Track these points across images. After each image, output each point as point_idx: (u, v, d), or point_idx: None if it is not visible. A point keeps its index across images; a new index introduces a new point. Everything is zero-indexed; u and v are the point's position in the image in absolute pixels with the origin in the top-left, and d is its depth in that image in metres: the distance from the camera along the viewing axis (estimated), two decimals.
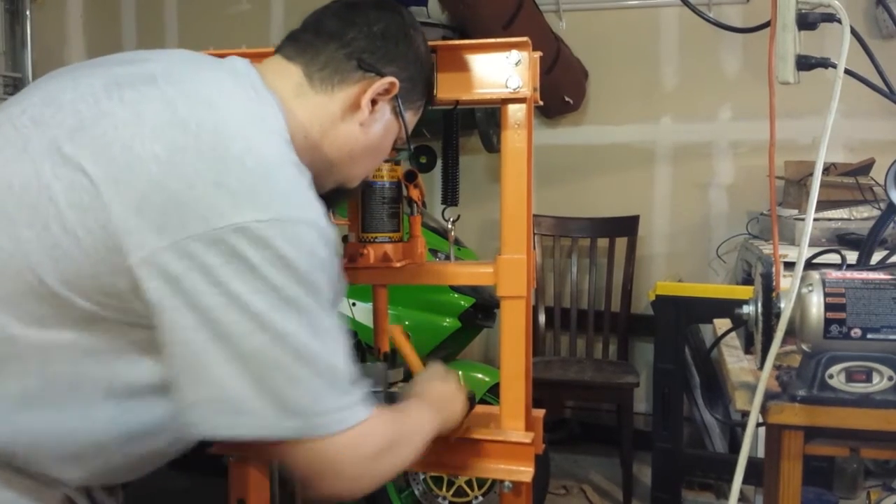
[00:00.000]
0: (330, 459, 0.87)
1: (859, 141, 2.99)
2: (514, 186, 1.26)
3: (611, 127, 3.33)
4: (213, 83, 0.91)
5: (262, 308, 0.81)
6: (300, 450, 0.86)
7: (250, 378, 0.82)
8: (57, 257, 0.82)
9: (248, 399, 0.82)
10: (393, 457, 0.95)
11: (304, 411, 0.84)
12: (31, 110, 0.89)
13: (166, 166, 0.81)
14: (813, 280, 1.09)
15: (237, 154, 0.83)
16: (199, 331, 0.81)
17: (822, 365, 1.07)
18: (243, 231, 0.80)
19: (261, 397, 0.82)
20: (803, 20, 1.14)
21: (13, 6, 3.71)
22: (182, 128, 0.84)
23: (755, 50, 3.07)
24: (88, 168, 0.82)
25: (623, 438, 2.72)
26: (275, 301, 0.81)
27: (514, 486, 1.27)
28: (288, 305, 0.82)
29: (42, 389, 0.85)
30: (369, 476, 0.92)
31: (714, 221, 3.25)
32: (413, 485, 2.36)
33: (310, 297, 0.84)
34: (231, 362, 0.82)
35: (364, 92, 1.01)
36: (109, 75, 0.91)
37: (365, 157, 1.07)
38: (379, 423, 0.92)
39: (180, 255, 0.80)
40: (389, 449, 0.93)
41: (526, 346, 1.29)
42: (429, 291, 2.31)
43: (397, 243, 1.34)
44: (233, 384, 0.82)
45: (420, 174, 1.38)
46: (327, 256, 0.86)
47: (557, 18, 3.30)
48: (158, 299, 0.81)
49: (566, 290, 3.25)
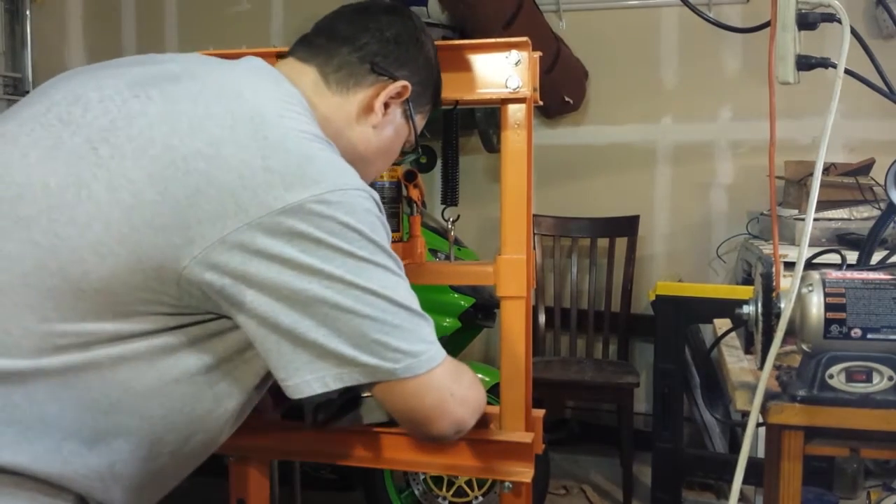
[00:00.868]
0: (438, 387, 0.93)
1: (859, 141, 2.99)
2: (514, 186, 1.26)
3: (611, 127, 3.33)
4: (236, 78, 0.93)
5: (338, 272, 0.85)
6: (409, 388, 0.91)
7: (346, 336, 0.86)
8: (103, 254, 0.82)
9: (347, 353, 0.86)
10: (476, 383, 1.03)
11: (404, 352, 0.89)
12: (56, 109, 0.89)
13: (212, 160, 0.83)
14: (813, 280, 1.09)
15: (276, 139, 0.85)
16: (283, 310, 0.84)
17: (822, 365, 1.07)
18: (301, 209, 0.83)
19: (359, 349, 0.87)
20: (803, 20, 1.14)
21: (13, 6, 3.72)
22: (218, 121, 0.85)
23: (755, 50, 3.07)
24: (129, 169, 0.83)
25: (623, 438, 2.72)
26: (351, 264, 0.85)
27: (514, 487, 1.27)
28: (361, 264, 0.86)
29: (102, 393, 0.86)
30: (474, 399, 1.00)
31: (714, 221, 3.25)
32: (413, 485, 2.36)
33: (377, 253, 0.88)
34: (325, 328, 0.85)
35: (377, 95, 1.03)
36: (131, 76, 0.92)
37: (376, 160, 1.10)
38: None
39: (242, 246, 0.82)
40: (473, 378, 1.02)
41: (526, 347, 1.29)
42: (429, 291, 2.31)
43: (397, 243, 1.34)
44: (332, 344, 0.86)
45: (420, 174, 1.38)
46: (379, 213, 0.91)
47: (557, 18, 3.30)
48: (228, 291, 0.83)
49: (566, 290, 3.25)
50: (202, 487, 2.05)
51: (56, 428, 0.84)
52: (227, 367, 0.93)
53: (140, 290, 0.83)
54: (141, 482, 0.93)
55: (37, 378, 0.83)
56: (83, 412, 0.86)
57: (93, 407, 0.86)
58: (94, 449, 0.87)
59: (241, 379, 0.95)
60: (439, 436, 0.96)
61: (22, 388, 0.83)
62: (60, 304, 0.83)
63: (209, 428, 0.96)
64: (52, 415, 0.84)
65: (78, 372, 0.84)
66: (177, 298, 0.85)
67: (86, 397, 0.85)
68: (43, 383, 0.83)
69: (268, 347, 0.87)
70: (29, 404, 0.83)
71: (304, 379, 0.87)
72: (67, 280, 0.82)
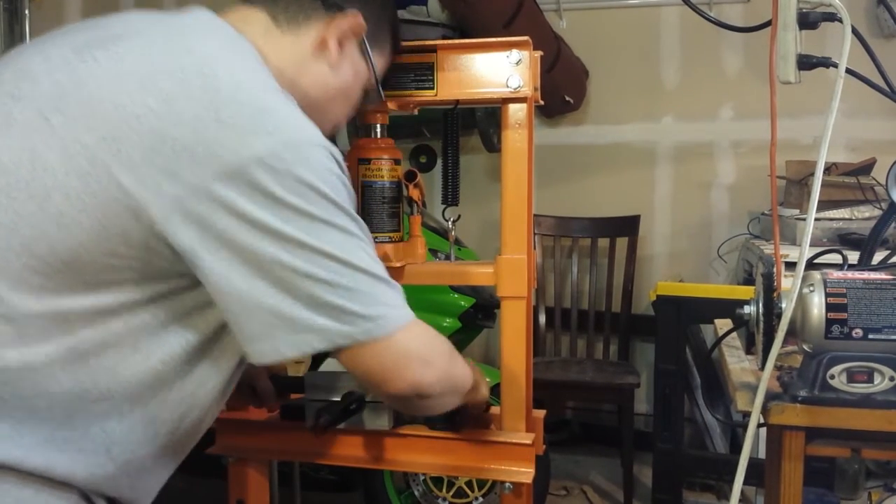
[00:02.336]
0: (399, 350, 0.90)
1: (861, 140, 2.99)
2: (515, 186, 1.26)
3: (611, 126, 3.33)
4: (184, 32, 0.91)
5: (295, 233, 0.83)
6: (367, 351, 0.88)
7: (301, 300, 0.84)
8: (66, 225, 0.81)
9: (305, 318, 0.84)
10: (456, 357, 1.01)
11: (361, 315, 0.87)
12: (6, 86, 0.88)
13: (164, 116, 0.81)
14: (814, 280, 1.09)
15: (228, 91, 0.84)
16: (239, 269, 0.82)
17: (823, 365, 1.07)
18: (257, 163, 0.81)
19: (317, 313, 0.85)
20: (804, 19, 1.14)
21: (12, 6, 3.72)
22: (167, 76, 0.83)
23: (756, 49, 3.06)
24: (81, 134, 0.82)
25: (624, 439, 2.71)
26: (306, 224, 0.83)
27: (515, 487, 1.26)
28: (319, 225, 0.84)
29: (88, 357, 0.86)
30: (440, 363, 0.96)
31: (715, 221, 3.25)
32: (413, 486, 2.35)
33: (336, 213, 0.86)
34: (280, 292, 0.83)
35: (329, 29, 1.01)
36: (76, 41, 0.90)
37: (335, 104, 1.07)
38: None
39: (201, 199, 0.81)
40: (452, 350, 1.00)
41: (526, 347, 1.29)
42: (429, 291, 2.31)
43: (397, 243, 1.33)
44: (287, 309, 0.84)
45: (420, 174, 1.37)
46: (340, 173, 0.88)
47: (558, 17, 3.29)
48: (191, 247, 0.82)
49: (567, 291, 3.25)
50: (202, 488, 2.05)
51: (48, 420, 0.84)
52: (211, 345, 0.92)
53: (109, 256, 0.82)
54: (142, 465, 0.93)
55: (22, 374, 0.83)
56: (74, 402, 0.85)
57: (84, 397, 0.86)
58: (88, 436, 0.87)
59: (226, 355, 0.94)
60: (396, 394, 0.93)
61: (10, 386, 0.83)
62: (32, 284, 0.82)
63: (201, 405, 0.95)
64: (42, 407, 0.84)
65: (64, 364, 0.84)
66: (146, 262, 0.84)
67: (76, 388, 0.85)
68: (30, 380, 0.83)
69: (227, 310, 0.86)
70: (18, 400, 0.83)
71: (261, 348, 0.86)
72: (35, 257, 0.82)
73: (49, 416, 0.85)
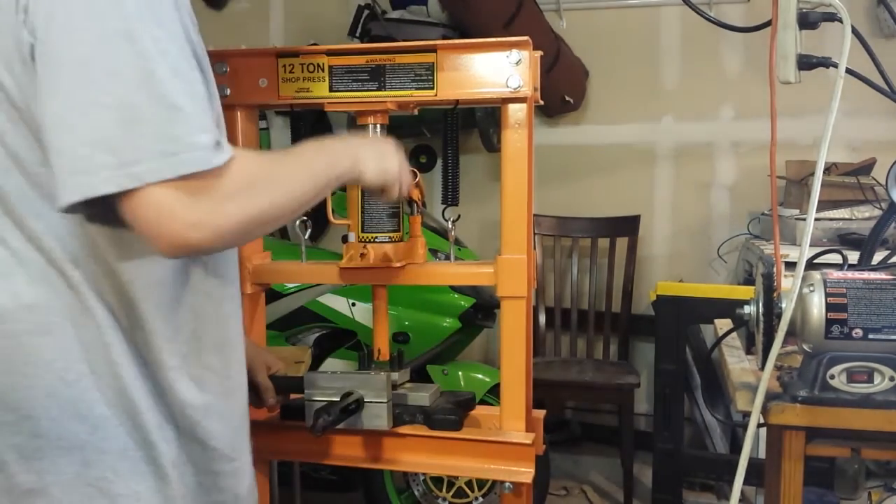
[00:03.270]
0: (166, 206, 0.77)
1: (861, 141, 2.99)
2: (515, 186, 1.26)
3: (611, 126, 3.32)
4: None
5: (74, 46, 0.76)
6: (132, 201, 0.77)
7: (82, 129, 0.76)
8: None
9: (80, 153, 0.76)
10: (250, 201, 0.83)
11: (124, 157, 0.76)
12: None
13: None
14: (814, 280, 1.09)
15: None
16: (42, 81, 0.77)
17: (823, 365, 1.07)
18: None
19: (90, 145, 0.75)
20: (804, 19, 1.14)
21: None
22: None
23: (756, 49, 3.06)
24: None
25: (624, 439, 2.71)
26: (104, 33, 0.76)
27: (515, 487, 1.26)
28: (117, 37, 0.76)
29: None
30: (209, 222, 0.79)
31: (715, 221, 3.25)
32: (413, 486, 2.35)
33: (148, 26, 0.77)
34: (65, 117, 0.76)
35: None
36: None
37: None
38: (238, 166, 0.82)
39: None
40: (243, 192, 0.82)
41: (526, 347, 1.29)
42: (429, 291, 2.31)
43: (397, 243, 1.34)
44: (65, 140, 0.76)
45: (420, 174, 1.37)
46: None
47: (558, 17, 3.29)
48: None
49: (567, 291, 3.24)
50: None
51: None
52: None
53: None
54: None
55: None
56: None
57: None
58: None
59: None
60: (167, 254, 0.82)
61: None
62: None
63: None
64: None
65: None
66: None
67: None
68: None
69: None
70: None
71: (63, 187, 0.77)
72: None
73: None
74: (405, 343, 2.29)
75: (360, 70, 1.28)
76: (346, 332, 2.35)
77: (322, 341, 2.36)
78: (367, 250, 1.31)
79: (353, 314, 2.32)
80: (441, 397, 1.40)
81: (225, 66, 1.31)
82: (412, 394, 1.36)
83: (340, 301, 2.33)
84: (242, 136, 1.36)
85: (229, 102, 1.30)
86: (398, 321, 2.29)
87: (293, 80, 1.31)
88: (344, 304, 2.33)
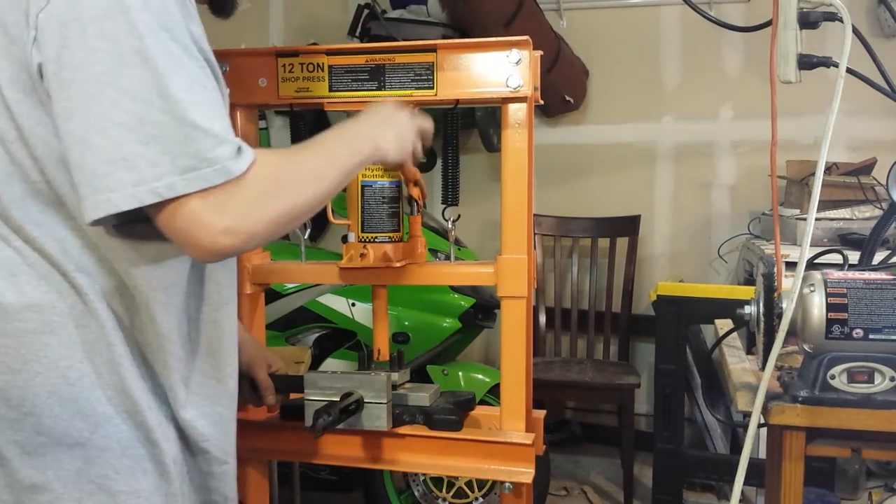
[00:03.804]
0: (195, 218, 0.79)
1: (861, 140, 2.99)
2: (515, 186, 1.26)
3: (611, 126, 3.32)
4: None
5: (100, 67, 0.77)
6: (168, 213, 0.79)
7: (102, 149, 0.78)
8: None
9: (101, 171, 0.78)
10: (277, 201, 0.85)
11: (145, 172, 0.77)
12: None
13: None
14: (815, 280, 1.09)
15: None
16: (59, 104, 0.79)
17: (823, 365, 1.07)
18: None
19: (110, 163, 0.77)
20: (805, 19, 1.14)
21: None
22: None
23: (757, 49, 3.06)
24: None
25: (624, 439, 2.71)
26: (119, 51, 0.77)
27: (515, 488, 1.26)
28: (131, 55, 0.77)
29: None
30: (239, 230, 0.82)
31: (715, 221, 3.24)
32: (413, 486, 2.35)
33: (161, 40, 0.79)
34: (85, 137, 0.78)
35: None
36: None
37: None
38: (261, 167, 0.83)
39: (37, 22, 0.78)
40: (269, 193, 0.84)
41: (526, 347, 1.29)
42: (429, 291, 2.31)
43: (397, 243, 1.33)
44: (87, 159, 0.78)
45: (420, 174, 1.37)
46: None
47: (558, 17, 3.29)
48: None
49: (567, 291, 3.24)
50: None
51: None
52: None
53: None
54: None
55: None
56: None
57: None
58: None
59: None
60: (202, 259, 0.88)
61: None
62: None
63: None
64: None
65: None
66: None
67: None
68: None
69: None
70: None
71: (87, 204, 0.79)
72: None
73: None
74: (405, 343, 2.29)
75: (359, 70, 1.28)
76: (346, 333, 2.35)
77: (322, 341, 2.36)
78: (367, 250, 1.31)
79: (352, 314, 2.32)
80: (441, 397, 1.40)
81: (225, 66, 1.30)
82: (412, 394, 1.36)
83: (340, 301, 2.33)
84: (242, 135, 1.35)
85: (229, 102, 1.30)
86: (398, 321, 2.29)
87: (293, 79, 1.31)
88: (344, 304, 2.33)
